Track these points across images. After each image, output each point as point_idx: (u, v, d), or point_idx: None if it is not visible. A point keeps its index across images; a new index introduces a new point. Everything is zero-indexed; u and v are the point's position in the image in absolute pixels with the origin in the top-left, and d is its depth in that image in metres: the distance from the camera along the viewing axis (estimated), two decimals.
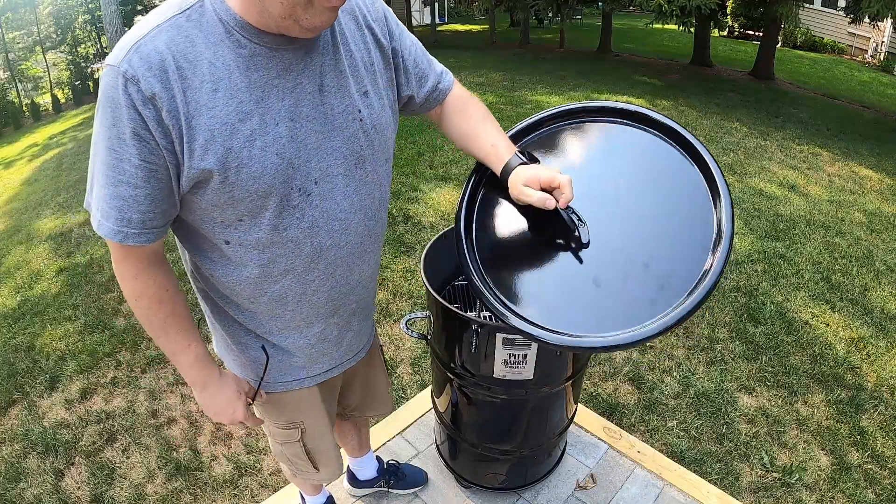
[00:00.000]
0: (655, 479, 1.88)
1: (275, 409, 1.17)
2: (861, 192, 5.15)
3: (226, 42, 0.79)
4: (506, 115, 7.08)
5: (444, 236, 1.66)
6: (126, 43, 0.77)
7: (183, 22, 0.77)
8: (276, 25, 0.78)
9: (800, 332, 2.98)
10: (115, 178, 0.79)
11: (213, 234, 0.89)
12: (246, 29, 0.79)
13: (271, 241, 0.89)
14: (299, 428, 1.21)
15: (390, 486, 1.80)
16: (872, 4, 7.70)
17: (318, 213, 0.90)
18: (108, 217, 0.82)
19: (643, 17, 16.30)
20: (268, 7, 0.76)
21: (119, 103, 0.75)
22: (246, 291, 0.96)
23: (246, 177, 0.82)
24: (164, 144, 0.78)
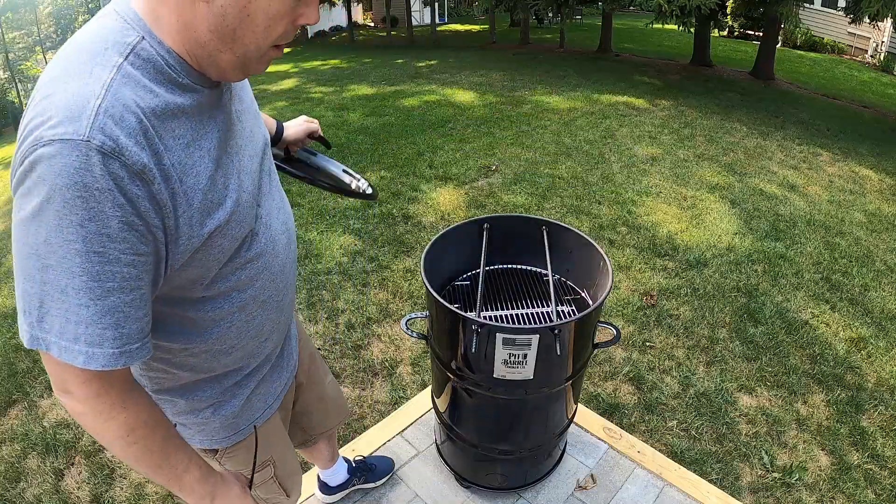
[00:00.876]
0: (655, 479, 1.88)
1: (245, 456, 1.07)
2: (861, 192, 5.15)
3: (175, 88, 0.68)
4: (506, 115, 7.09)
5: (444, 236, 1.66)
6: (79, 106, 0.59)
7: (131, 70, 0.64)
8: (216, 72, 0.72)
9: (800, 332, 2.98)
10: (103, 289, 0.63)
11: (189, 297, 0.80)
12: (185, 70, 0.69)
13: (250, 277, 0.86)
14: (271, 464, 1.14)
15: (364, 481, 1.80)
16: (872, 4, 7.70)
17: (272, 234, 0.89)
18: (102, 342, 0.65)
19: (643, 17, 16.30)
20: (218, 61, 0.70)
21: (96, 189, 0.59)
22: (226, 339, 0.89)
23: (235, 225, 0.77)
24: (156, 224, 0.66)
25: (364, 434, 2.09)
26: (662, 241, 3.85)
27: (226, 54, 0.69)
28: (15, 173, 0.62)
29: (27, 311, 0.65)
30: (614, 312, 3.09)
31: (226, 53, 0.69)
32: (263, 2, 0.65)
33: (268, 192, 0.90)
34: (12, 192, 0.64)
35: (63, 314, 0.63)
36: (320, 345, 2.81)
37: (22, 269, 0.63)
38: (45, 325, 0.64)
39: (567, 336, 1.38)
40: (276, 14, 0.67)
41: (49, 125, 0.59)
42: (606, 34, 13.31)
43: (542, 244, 1.68)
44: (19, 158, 0.61)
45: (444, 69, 10.93)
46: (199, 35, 0.67)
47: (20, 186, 0.61)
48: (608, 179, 4.96)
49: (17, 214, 0.62)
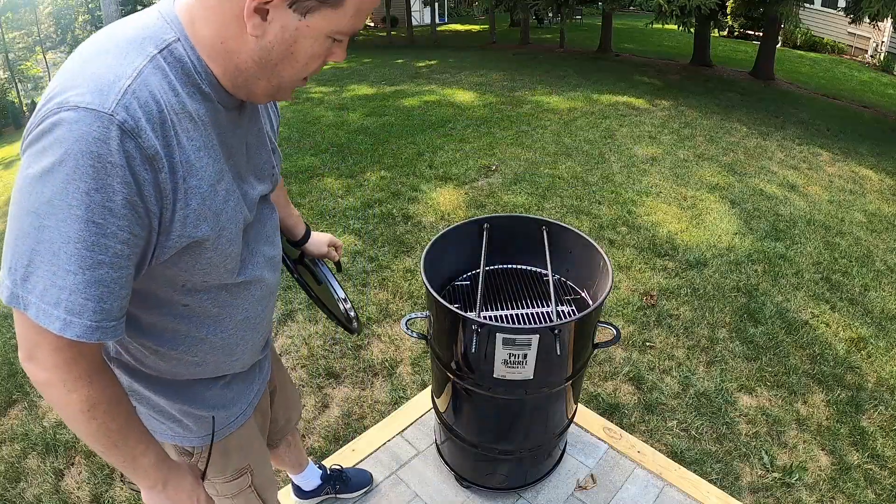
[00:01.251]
0: (655, 479, 1.88)
1: (220, 463, 1.08)
2: (861, 192, 5.15)
3: (198, 95, 0.72)
4: (506, 115, 7.09)
5: (444, 236, 1.66)
6: (109, 81, 0.62)
7: (163, 63, 0.67)
8: (247, 94, 0.77)
9: (800, 332, 2.98)
10: (94, 260, 0.63)
11: (170, 300, 0.82)
12: (212, 83, 0.73)
13: (232, 295, 0.88)
14: (248, 472, 1.14)
15: (337, 491, 1.80)
16: (872, 4, 7.70)
17: (261, 259, 0.92)
18: (82, 312, 0.65)
19: (643, 17, 16.30)
20: (254, 89, 0.75)
21: (109, 162, 0.61)
22: (200, 347, 0.90)
23: (224, 240, 0.78)
24: (154, 211, 0.67)
25: (364, 434, 2.09)
26: (662, 241, 3.85)
27: (262, 81, 0.75)
28: (31, 131, 0.64)
29: (13, 267, 0.64)
30: (614, 312, 3.09)
31: (263, 81, 0.74)
32: (307, 43, 0.71)
33: (262, 223, 0.94)
34: (22, 150, 0.65)
35: (50, 276, 0.63)
36: (320, 344, 2.81)
37: (16, 226, 0.64)
38: (28, 284, 0.64)
39: (567, 336, 1.38)
40: (315, 53, 0.73)
41: (77, 92, 0.61)
42: (606, 34, 13.31)
43: (542, 244, 1.68)
44: (39, 118, 0.63)
45: (444, 69, 10.93)
46: (240, 62, 0.72)
47: (35, 144, 0.63)
48: (608, 179, 4.96)
49: (24, 170, 0.63)
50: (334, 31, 0.71)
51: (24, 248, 0.63)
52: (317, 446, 2.25)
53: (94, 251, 0.63)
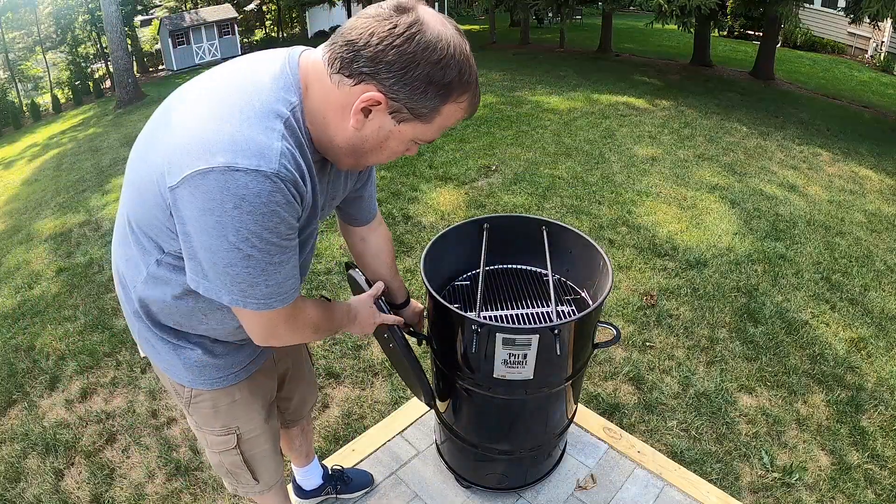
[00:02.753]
0: (655, 479, 1.88)
1: (210, 413, 1.17)
2: (861, 192, 5.15)
3: (306, 150, 0.86)
4: (506, 115, 7.09)
5: (444, 236, 1.66)
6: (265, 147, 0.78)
7: (286, 131, 0.81)
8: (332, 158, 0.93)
9: (800, 332, 2.98)
10: (286, 263, 0.87)
11: None
12: (312, 146, 0.88)
13: None
14: (235, 434, 1.21)
15: (338, 491, 1.80)
16: (872, 4, 7.70)
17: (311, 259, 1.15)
18: (289, 294, 0.90)
19: (643, 17, 16.30)
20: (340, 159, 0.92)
21: (285, 203, 0.80)
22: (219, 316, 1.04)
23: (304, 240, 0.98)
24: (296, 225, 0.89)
25: (364, 434, 2.09)
26: (662, 241, 3.85)
27: (349, 160, 0.91)
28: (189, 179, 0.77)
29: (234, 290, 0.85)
30: (614, 312, 3.09)
31: (349, 159, 0.91)
32: (394, 142, 0.87)
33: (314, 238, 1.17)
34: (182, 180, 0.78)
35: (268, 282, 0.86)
36: (320, 344, 2.81)
37: (221, 259, 0.81)
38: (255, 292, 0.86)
39: (567, 336, 1.38)
40: (397, 151, 0.90)
41: (242, 156, 0.76)
42: (606, 34, 13.31)
43: (542, 244, 1.67)
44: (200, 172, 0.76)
45: None
46: (334, 140, 0.87)
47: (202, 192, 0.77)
48: (608, 179, 4.96)
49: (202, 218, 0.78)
50: (418, 138, 0.88)
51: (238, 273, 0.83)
52: (317, 446, 2.25)
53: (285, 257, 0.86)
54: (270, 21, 28.94)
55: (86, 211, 5.30)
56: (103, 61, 20.69)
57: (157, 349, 1.08)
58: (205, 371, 1.10)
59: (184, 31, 21.07)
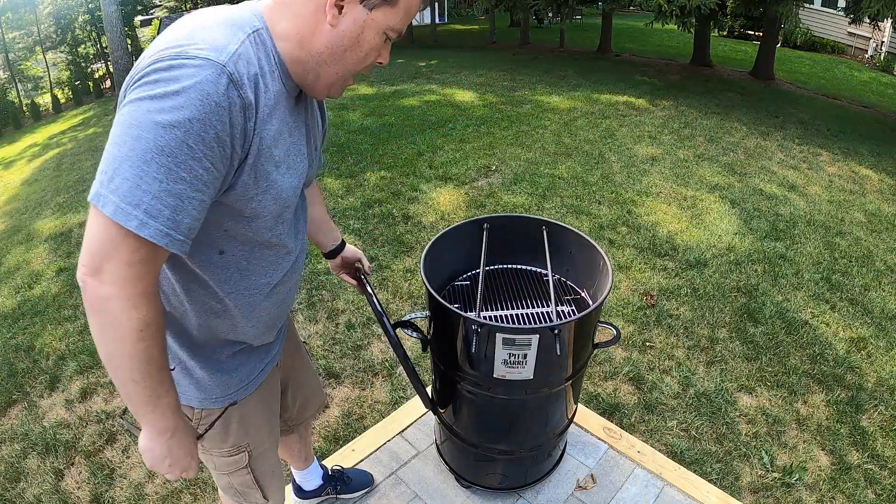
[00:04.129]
0: (655, 479, 1.88)
1: (220, 435, 1.12)
2: (861, 192, 5.15)
3: (274, 73, 0.85)
4: (506, 115, 7.09)
5: (444, 236, 1.66)
6: (222, 44, 0.76)
7: (255, 42, 0.82)
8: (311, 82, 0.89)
9: (800, 332, 2.98)
10: (178, 175, 0.72)
11: (212, 242, 0.91)
12: (283, 69, 0.87)
13: (263, 255, 0.98)
14: (246, 451, 1.17)
15: (338, 491, 1.80)
16: (872, 4, 7.69)
17: (297, 234, 1.05)
18: (158, 216, 0.72)
19: (643, 17, 16.30)
20: (321, 73, 0.88)
21: (214, 102, 0.73)
22: (230, 299, 0.97)
23: (269, 198, 0.89)
24: (237, 152, 0.80)
25: (364, 434, 2.09)
26: (662, 241, 3.85)
27: (330, 68, 0.88)
28: (142, 71, 0.74)
29: (104, 170, 0.73)
30: (614, 312, 3.09)
31: (330, 66, 0.87)
32: (370, 34, 0.85)
33: (301, 206, 1.09)
34: (129, 86, 0.75)
35: (136, 178, 0.71)
36: (320, 344, 2.81)
37: (117, 136, 0.72)
38: (112, 184, 0.71)
39: (567, 336, 1.38)
40: (373, 46, 0.87)
41: (196, 47, 0.74)
42: (606, 34, 13.31)
43: (542, 244, 1.68)
44: (155, 59, 0.73)
45: (444, 69, 10.93)
46: (315, 47, 0.85)
47: (148, 77, 0.73)
48: (608, 179, 4.96)
49: (133, 93, 0.73)
50: (389, 27, 0.86)
51: (119, 153, 0.71)
52: (317, 446, 2.25)
53: (181, 168, 0.72)
54: None
55: (86, 211, 5.29)
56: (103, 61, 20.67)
57: None
58: (215, 389, 1.06)
59: None
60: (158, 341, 0.81)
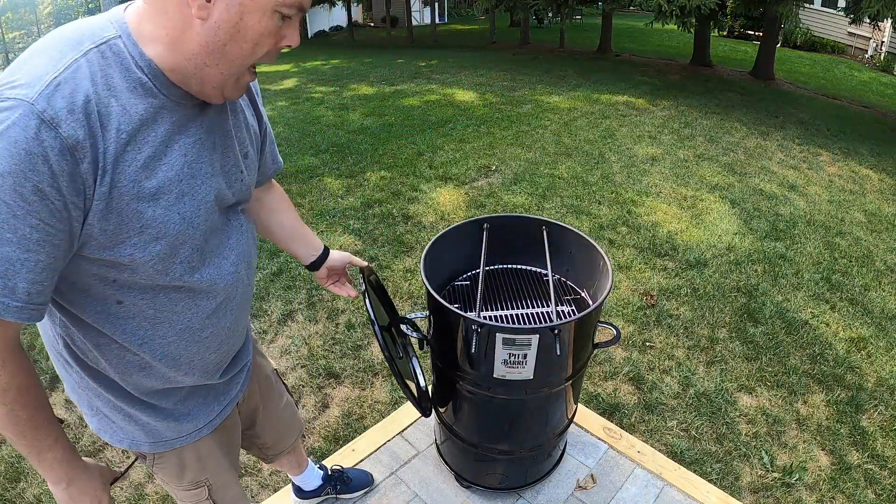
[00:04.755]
0: (655, 479, 1.88)
1: (175, 471, 1.08)
2: (861, 192, 5.15)
3: (139, 89, 0.72)
4: (506, 115, 7.09)
5: (444, 236, 1.66)
6: (38, 74, 0.66)
7: (98, 58, 0.69)
8: (197, 87, 0.76)
9: (800, 332, 2.98)
10: (1, 236, 0.65)
11: (104, 296, 0.82)
12: (159, 78, 0.74)
13: (169, 301, 0.86)
14: (206, 486, 1.13)
15: (337, 491, 1.80)
16: (872, 4, 7.69)
17: (214, 270, 0.89)
18: None
19: (643, 17, 16.29)
20: (203, 77, 0.75)
21: (24, 150, 0.63)
22: (142, 352, 0.88)
23: (148, 239, 0.77)
24: (74, 201, 0.69)
25: (364, 434, 2.09)
26: (662, 241, 3.85)
27: (212, 70, 0.74)
28: None
29: None
30: (614, 312, 3.09)
31: (212, 69, 0.74)
32: (253, 18, 0.70)
33: (223, 232, 0.91)
34: None
35: None
36: (320, 344, 2.81)
37: None
38: None
39: (567, 336, 1.38)
40: (263, 31, 0.72)
41: (12, 85, 0.65)
42: (606, 34, 13.31)
43: (542, 244, 1.68)
44: None
45: (444, 69, 10.93)
46: (187, 49, 0.72)
47: None
48: (608, 179, 4.96)
49: None
50: (280, 3, 0.71)
51: None
52: (317, 446, 2.25)
53: (3, 228, 0.65)
54: None
55: None
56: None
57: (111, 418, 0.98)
58: (165, 433, 1.01)
59: None
60: (25, 403, 0.78)
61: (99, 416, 0.99)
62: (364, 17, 27.42)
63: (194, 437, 1.05)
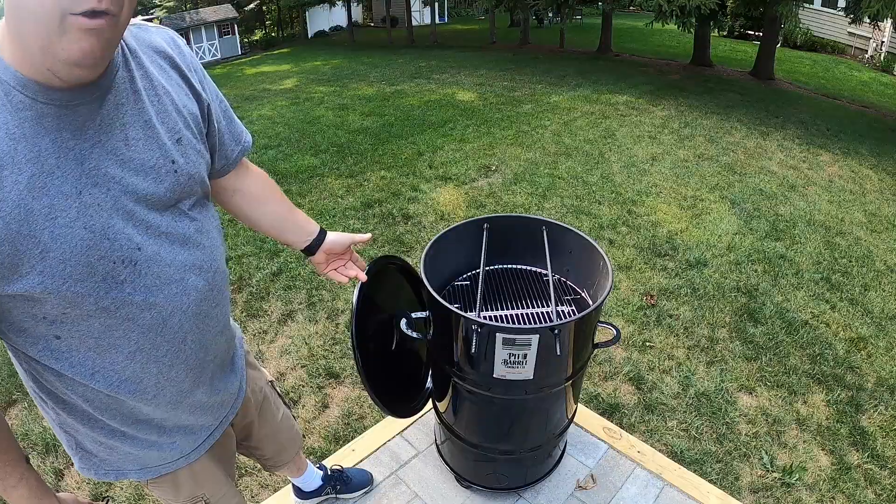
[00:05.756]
0: (655, 479, 1.88)
1: (171, 490, 1.06)
2: (861, 192, 5.15)
3: (5, 106, 0.65)
4: (506, 115, 7.09)
5: (444, 236, 1.66)
6: None
7: None
8: (44, 73, 0.65)
9: (800, 332, 2.98)
10: None
11: (39, 332, 0.76)
12: (28, 87, 0.65)
13: (107, 326, 0.78)
14: (203, 500, 1.11)
15: (337, 491, 1.79)
16: (872, 4, 7.70)
17: (151, 282, 0.80)
18: None
19: (643, 17, 16.30)
20: (27, 51, 0.64)
21: None
22: (97, 384, 0.83)
23: (54, 262, 0.69)
24: None
25: (364, 434, 2.09)
26: (662, 241, 3.85)
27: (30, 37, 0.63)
28: None
29: None
30: (614, 312, 3.09)
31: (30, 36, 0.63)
32: None
33: (165, 235, 0.81)
34: None
35: None
36: (320, 344, 2.81)
37: None
38: None
39: (567, 336, 1.38)
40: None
41: None
42: (606, 34, 13.31)
43: (542, 244, 1.67)
44: None
45: (444, 69, 10.93)
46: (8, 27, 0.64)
47: None
48: (608, 179, 4.96)
49: None
50: None
51: None
52: (317, 446, 2.25)
53: None
54: (270, 21, 28.95)
55: None
56: None
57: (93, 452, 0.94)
58: (153, 460, 0.98)
59: (184, 31, 21.09)
60: None
61: (80, 454, 0.95)
62: (364, 17, 27.42)
63: (181, 463, 1.02)
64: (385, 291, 1.54)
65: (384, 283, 1.52)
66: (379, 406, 1.44)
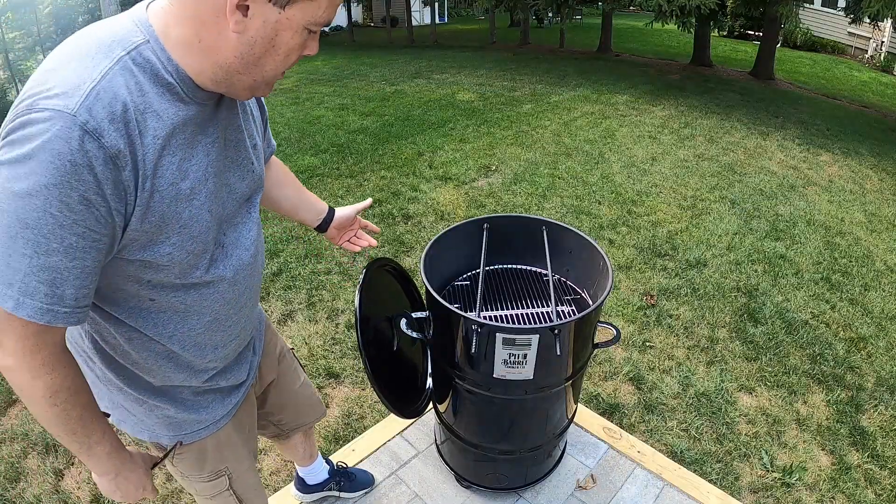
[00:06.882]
0: (655, 479, 1.88)
1: (196, 463, 1.10)
2: (861, 192, 5.15)
3: (167, 95, 0.74)
4: (506, 116, 7.09)
5: (444, 236, 1.66)
6: (74, 83, 0.66)
7: (130, 65, 0.70)
8: (228, 89, 0.78)
9: (800, 332, 2.98)
10: (47, 247, 0.67)
11: (137, 294, 0.84)
12: (186, 83, 0.75)
13: (200, 295, 0.89)
14: (226, 475, 1.15)
15: (341, 488, 1.80)
16: (872, 4, 7.70)
17: (235, 262, 0.93)
18: (34, 293, 0.69)
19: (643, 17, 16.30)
20: (235, 83, 0.77)
21: (69, 161, 0.64)
22: (172, 345, 0.91)
23: (186, 237, 0.80)
24: (117, 207, 0.71)
25: (364, 434, 2.09)
26: (662, 241, 3.85)
27: (245, 77, 0.77)
28: (5, 126, 0.68)
29: None
30: (614, 312, 3.09)
31: (245, 76, 0.77)
32: (287, 35, 0.73)
33: (241, 223, 0.94)
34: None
35: (5, 256, 0.67)
36: (320, 344, 2.81)
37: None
38: None
39: (567, 336, 1.38)
40: (294, 46, 0.75)
41: (46, 95, 0.66)
42: (606, 34, 13.32)
43: (542, 244, 1.68)
44: (12, 116, 0.67)
45: (444, 69, 10.93)
46: (221, 59, 0.74)
47: (7, 136, 0.67)
48: (608, 179, 4.96)
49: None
50: (310, 21, 0.74)
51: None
52: (317, 446, 2.24)
53: (49, 239, 0.67)
54: None
55: None
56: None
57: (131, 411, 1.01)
58: (184, 426, 1.03)
59: None
60: (75, 402, 0.81)
61: (119, 409, 1.01)
62: (364, 17, 27.42)
63: (212, 429, 1.07)
64: (382, 294, 1.54)
65: (380, 285, 1.53)
66: (388, 406, 1.45)
